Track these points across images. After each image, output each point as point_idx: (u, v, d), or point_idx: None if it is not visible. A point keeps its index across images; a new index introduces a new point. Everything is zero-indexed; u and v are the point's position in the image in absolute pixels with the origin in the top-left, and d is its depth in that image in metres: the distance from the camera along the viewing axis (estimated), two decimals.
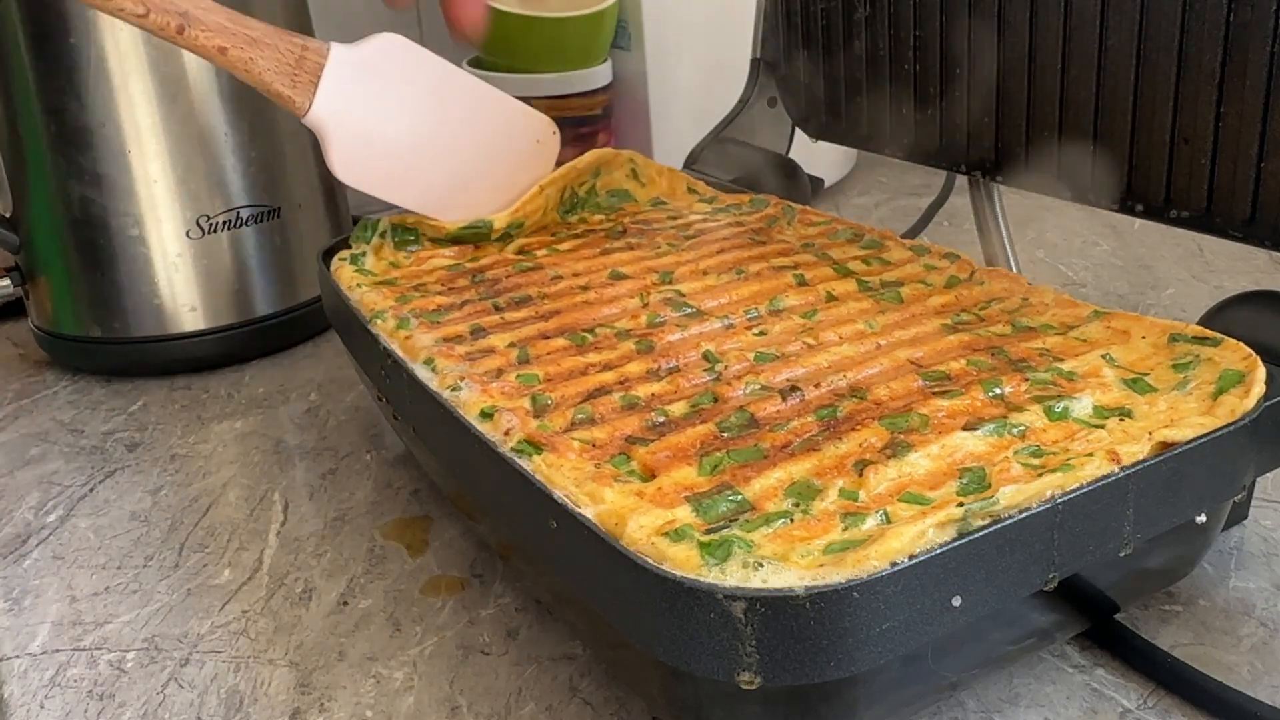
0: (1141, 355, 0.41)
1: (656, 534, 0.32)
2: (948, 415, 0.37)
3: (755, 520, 0.33)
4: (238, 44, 0.50)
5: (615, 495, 0.34)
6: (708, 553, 0.31)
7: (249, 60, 0.51)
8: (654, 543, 0.32)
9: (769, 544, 0.32)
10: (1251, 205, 0.44)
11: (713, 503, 0.34)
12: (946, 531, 0.31)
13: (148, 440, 0.62)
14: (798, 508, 0.34)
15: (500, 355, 0.44)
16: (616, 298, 0.49)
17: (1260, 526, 0.47)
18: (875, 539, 0.31)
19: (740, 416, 0.38)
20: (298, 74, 0.52)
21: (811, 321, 0.46)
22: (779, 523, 0.33)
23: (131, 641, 0.45)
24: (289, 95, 0.52)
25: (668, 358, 0.43)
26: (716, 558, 0.31)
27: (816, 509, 0.33)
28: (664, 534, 0.32)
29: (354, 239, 0.56)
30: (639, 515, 0.33)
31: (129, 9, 0.48)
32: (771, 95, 0.68)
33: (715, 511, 0.33)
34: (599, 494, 0.34)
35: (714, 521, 0.33)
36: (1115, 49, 0.48)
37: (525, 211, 0.57)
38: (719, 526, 0.33)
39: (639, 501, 0.34)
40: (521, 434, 0.38)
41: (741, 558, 0.31)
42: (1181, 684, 0.38)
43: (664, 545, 0.31)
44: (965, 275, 0.49)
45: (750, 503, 0.34)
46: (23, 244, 0.68)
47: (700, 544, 0.31)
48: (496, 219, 0.57)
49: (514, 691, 0.41)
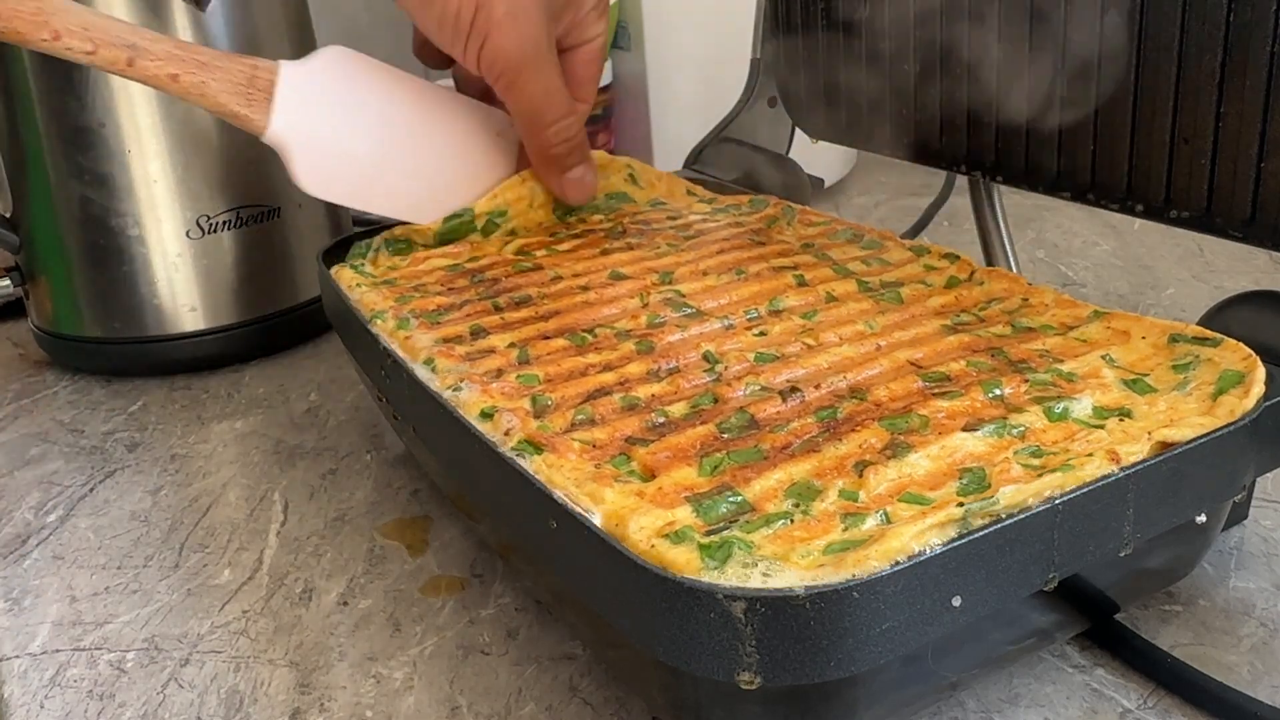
0: (1142, 356, 0.41)
1: (657, 535, 0.32)
2: (947, 416, 0.37)
3: (755, 521, 0.33)
4: (188, 69, 0.50)
5: (615, 495, 0.34)
6: (708, 554, 0.31)
7: (202, 84, 0.51)
8: (654, 544, 0.32)
9: (769, 545, 0.32)
10: (1251, 205, 0.44)
11: (713, 503, 0.34)
12: (946, 531, 0.31)
13: (148, 440, 0.62)
14: (798, 508, 0.34)
15: (500, 355, 0.44)
16: (616, 298, 0.49)
17: (1260, 526, 0.47)
18: (875, 539, 0.31)
19: (740, 417, 0.38)
20: (251, 93, 0.52)
21: (811, 322, 0.46)
22: (779, 524, 0.33)
23: (131, 641, 0.45)
24: (245, 114, 0.52)
25: (668, 358, 0.43)
26: (717, 560, 0.31)
27: (816, 510, 0.33)
28: (664, 535, 0.32)
29: (351, 257, 0.56)
30: (639, 516, 0.33)
31: (76, 47, 0.48)
32: (771, 95, 0.68)
33: (715, 513, 0.33)
34: (599, 494, 0.34)
35: (714, 523, 0.33)
36: (1115, 49, 0.48)
37: (506, 199, 0.58)
38: (719, 528, 0.33)
39: (639, 502, 0.34)
40: (522, 434, 0.38)
41: (742, 559, 0.31)
42: (1181, 684, 0.38)
43: (664, 548, 0.31)
44: (965, 276, 0.49)
45: (750, 504, 0.34)
46: (23, 244, 0.68)
47: (700, 546, 0.31)
48: (476, 206, 0.57)
49: (514, 691, 0.41)
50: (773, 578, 0.30)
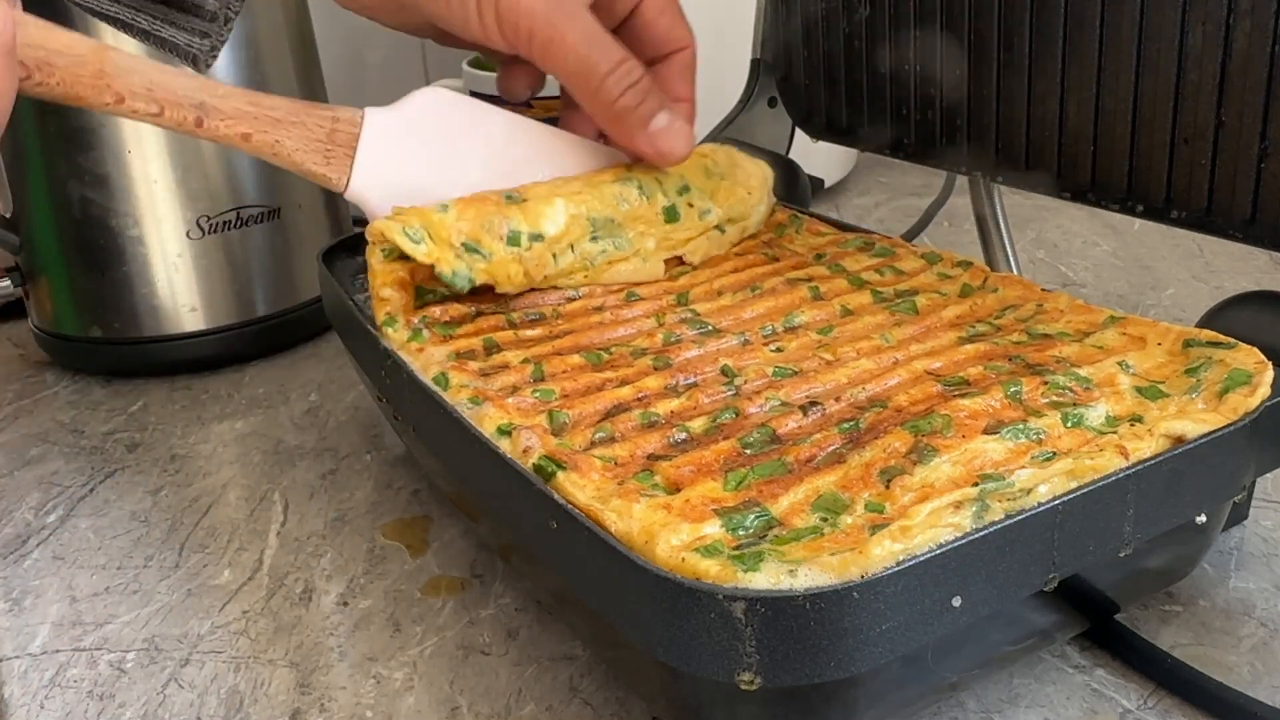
0: (1158, 363, 0.40)
1: (687, 550, 0.32)
2: (969, 415, 0.37)
3: (785, 536, 0.33)
4: (261, 127, 0.46)
5: (644, 510, 0.33)
6: (740, 563, 0.31)
7: (275, 143, 0.46)
8: (685, 558, 0.31)
9: (801, 556, 0.31)
10: (1251, 205, 0.44)
11: (740, 517, 0.33)
12: (963, 513, 0.32)
13: (148, 440, 0.62)
14: (826, 522, 0.33)
15: (515, 371, 0.43)
16: (632, 319, 0.48)
17: (1260, 526, 0.47)
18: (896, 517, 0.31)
19: (762, 433, 0.38)
20: (330, 149, 0.47)
21: (828, 338, 0.45)
22: (808, 538, 0.32)
23: (131, 642, 0.45)
24: (323, 174, 0.48)
25: (685, 373, 0.42)
26: (749, 566, 0.31)
27: (844, 523, 0.33)
28: (695, 549, 0.32)
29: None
30: (668, 531, 0.32)
31: (142, 109, 0.44)
32: (771, 95, 0.68)
33: (744, 527, 0.33)
34: (627, 509, 0.33)
35: (743, 538, 0.33)
36: (1115, 49, 0.48)
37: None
38: (749, 543, 0.32)
39: (667, 516, 0.33)
40: (542, 451, 0.37)
41: (775, 562, 0.31)
42: (1181, 684, 0.38)
43: (695, 561, 0.31)
44: (978, 283, 0.49)
45: (778, 519, 0.33)
46: (23, 244, 0.68)
47: (732, 558, 0.31)
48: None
49: (514, 692, 0.41)
50: (802, 579, 0.30)
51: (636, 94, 0.46)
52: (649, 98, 0.47)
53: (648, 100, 0.47)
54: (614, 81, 0.46)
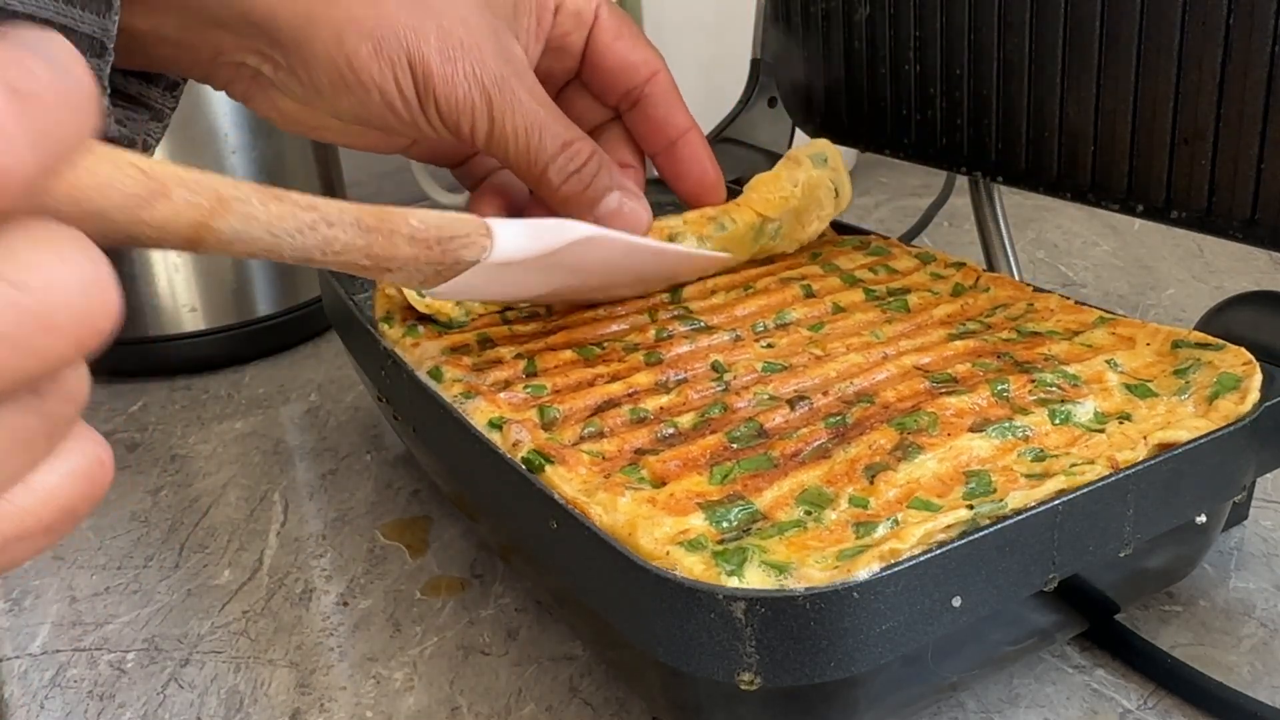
0: (1146, 362, 0.41)
1: (670, 543, 0.32)
2: (955, 414, 0.37)
3: (767, 529, 0.33)
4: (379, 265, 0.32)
5: (629, 504, 0.34)
6: (723, 560, 0.31)
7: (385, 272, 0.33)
8: (669, 551, 0.31)
9: (783, 551, 0.32)
10: (1251, 205, 0.44)
11: (724, 511, 0.33)
12: (954, 533, 0.31)
13: (148, 440, 0.62)
14: (809, 516, 0.33)
15: (508, 366, 0.44)
16: (625, 315, 0.48)
17: (1260, 526, 0.47)
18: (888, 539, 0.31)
19: (749, 427, 0.38)
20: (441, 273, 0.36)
21: (819, 334, 0.46)
22: (791, 531, 0.33)
23: (131, 642, 0.45)
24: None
25: (675, 369, 0.43)
26: (732, 564, 0.31)
27: (828, 518, 0.33)
28: (678, 543, 0.32)
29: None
30: (651, 525, 0.32)
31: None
32: (771, 95, 0.68)
33: (727, 520, 0.33)
34: (612, 503, 0.34)
35: (726, 531, 0.33)
36: (1116, 49, 0.48)
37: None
38: (733, 537, 0.32)
39: (651, 509, 0.33)
40: (531, 445, 0.37)
41: (759, 564, 0.31)
42: (1181, 684, 0.38)
43: (679, 555, 0.31)
44: (970, 282, 0.49)
45: (762, 512, 0.34)
46: None
47: (715, 553, 0.31)
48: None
49: (514, 692, 0.41)
50: (789, 582, 0.30)
51: (580, 180, 0.45)
52: (596, 180, 0.45)
53: (594, 184, 0.45)
54: (555, 171, 0.44)
